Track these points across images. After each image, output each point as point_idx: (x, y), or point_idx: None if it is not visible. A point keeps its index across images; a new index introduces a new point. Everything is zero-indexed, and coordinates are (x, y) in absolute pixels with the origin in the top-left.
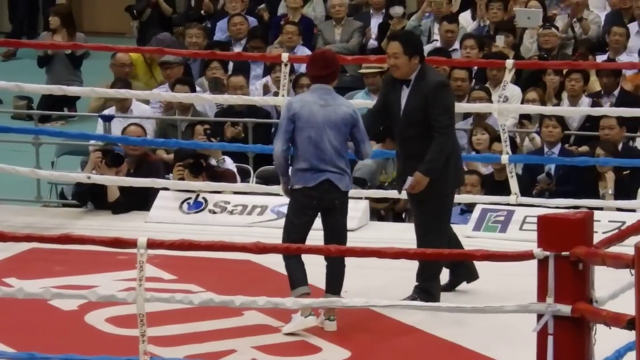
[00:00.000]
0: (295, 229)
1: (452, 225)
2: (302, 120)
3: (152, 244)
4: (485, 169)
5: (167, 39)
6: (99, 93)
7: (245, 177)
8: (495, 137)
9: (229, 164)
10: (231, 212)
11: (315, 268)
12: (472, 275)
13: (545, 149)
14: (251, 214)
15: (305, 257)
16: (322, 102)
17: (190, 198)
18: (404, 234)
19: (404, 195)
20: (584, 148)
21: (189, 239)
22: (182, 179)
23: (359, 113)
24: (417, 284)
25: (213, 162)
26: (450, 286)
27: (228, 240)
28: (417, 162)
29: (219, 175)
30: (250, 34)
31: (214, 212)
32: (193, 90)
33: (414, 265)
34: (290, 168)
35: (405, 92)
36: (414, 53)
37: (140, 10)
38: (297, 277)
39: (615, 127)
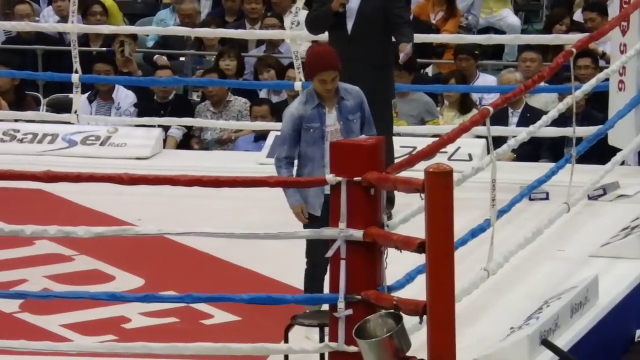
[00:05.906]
0: None
1: (246, 153)
2: None
3: None
4: (277, 97)
5: None
6: None
7: (35, 105)
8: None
9: None
10: (21, 141)
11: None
12: None
13: None
14: (42, 143)
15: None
16: None
17: None
18: (198, 162)
19: None
20: None
21: None
22: None
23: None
24: None
25: None
26: None
27: (18, 169)
28: (361, 64)
29: None
30: None
31: (3, 141)
32: None
33: (206, 192)
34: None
35: None
36: None
37: None
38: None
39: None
